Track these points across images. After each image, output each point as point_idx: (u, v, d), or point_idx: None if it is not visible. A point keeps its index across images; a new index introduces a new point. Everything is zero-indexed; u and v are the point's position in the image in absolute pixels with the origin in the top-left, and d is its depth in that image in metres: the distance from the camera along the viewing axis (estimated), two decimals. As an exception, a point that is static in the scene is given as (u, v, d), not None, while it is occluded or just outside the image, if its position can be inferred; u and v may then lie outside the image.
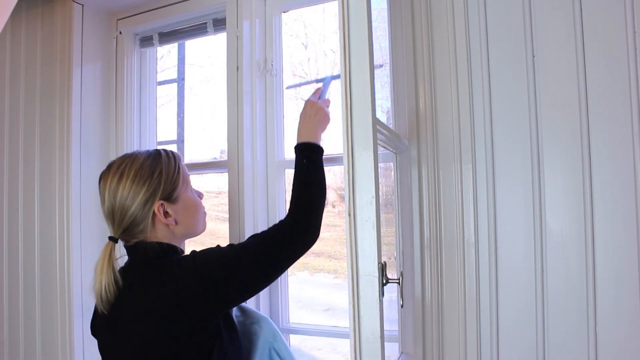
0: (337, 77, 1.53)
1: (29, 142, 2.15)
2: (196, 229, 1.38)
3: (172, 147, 2.54)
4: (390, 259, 1.60)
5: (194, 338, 1.18)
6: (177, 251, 1.32)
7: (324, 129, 1.43)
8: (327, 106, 1.48)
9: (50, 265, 2.06)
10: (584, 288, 1.35)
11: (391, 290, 1.61)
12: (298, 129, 1.42)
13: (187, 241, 1.42)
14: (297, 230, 1.30)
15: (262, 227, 1.87)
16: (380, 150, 1.31)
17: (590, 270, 1.35)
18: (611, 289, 1.33)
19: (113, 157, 2.15)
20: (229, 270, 1.21)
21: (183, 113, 2.15)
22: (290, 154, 1.86)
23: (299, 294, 7.37)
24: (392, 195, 1.64)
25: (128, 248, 1.30)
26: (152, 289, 1.19)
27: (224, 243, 1.39)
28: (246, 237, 1.77)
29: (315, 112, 1.42)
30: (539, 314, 1.40)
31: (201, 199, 1.41)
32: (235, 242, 1.79)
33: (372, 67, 0.97)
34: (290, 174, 1.72)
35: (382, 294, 0.95)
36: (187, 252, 1.32)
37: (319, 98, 1.51)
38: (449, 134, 1.52)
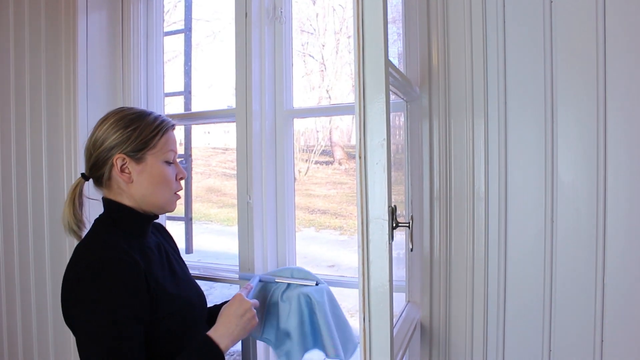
0: (267, 278, 1.60)
1: (35, 93, 2.13)
2: (156, 199, 1.32)
3: (179, 99, 2.52)
4: (399, 218, 1.59)
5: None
6: (130, 214, 1.30)
7: (244, 335, 1.29)
8: (256, 308, 1.35)
9: (58, 212, 2.06)
10: (594, 239, 1.35)
11: (399, 247, 1.62)
12: (218, 320, 1.29)
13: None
14: None
15: (270, 177, 1.87)
16: (392, 97, 1.29)
17: (600, 222, 1.34)
18: (621, 241, 1.32)
19: (120, 104, 2.14)
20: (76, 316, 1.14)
21: (190, 62, 2.12)
22: (299, 103, 1.84)
23: (304, 250, 7.45)
24: (401, 153, 1.62)
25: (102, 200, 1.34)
26: (71, 260, 1.20)
27: (228, 199, 1.36)
28: (253, 195, 1.78)
29: (243, 313, 1.29)
30: (547, 264, 1.40)
31: (181, 179, 1.38)
32: (243, 196, 1.78)
33: (385, 6, 0.95)
34: (299, 123, 1.70)
35: (391, 237, 0.95)
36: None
37: (248, 296, 1.43)
38: (461, 85, 1.49)
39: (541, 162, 1.41)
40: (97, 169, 1.29)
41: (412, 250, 1.19)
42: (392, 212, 0.95)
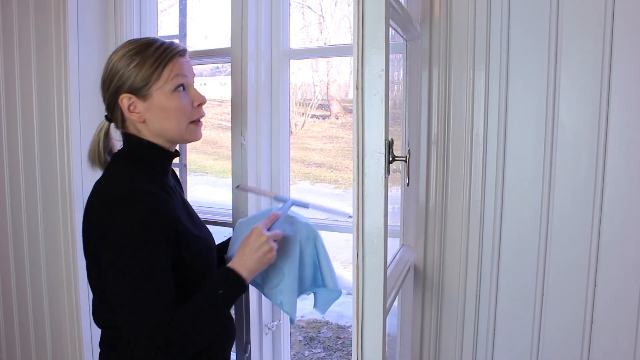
0: (299, 204, 1.44)
1: (24, 34, 2.06)
2: (173, 132, 1.27)
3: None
4: (394, 173, 1.57)
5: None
6: (151, 150, 1.27)
7: (259, 269, 1.27)
8: (276, 240, 1.30)
9: (51, 163, 2.05)
10: (592, 185, 1.34)
11: (394, 201, 1.60)
12: (237, 254, 1.28)
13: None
14: (172, 335, 1.10)
15: (265, 122, 1.84)
16: (391, 32, 1.25)
17: (600, 168, 1.32)
18: (620, 188, 1.31)
19: (112, 48, 2.08)
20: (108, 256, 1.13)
21: (185, 1, 2.05)
22: (296, 44, 1.79)
23: (299, 202, 7.50)
24: (398, 108, 1.59)
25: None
26: (94, 191, 1.21)
27: (223, 151, 1.33)
28: (248, 146, 1.75)
29: (258, 247, 1.25)
30: (544, 207, 1.39)
31: (199, 105, 1.31)
32: (237, 148, 1.75)
33: None
34: (295, 65, 1.65)
35: (387, 171, 0.93)
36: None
37: (273, 225, 1.35)
38: (463, 27, 1.45)
39: (542, 105, 1.38)
40: (111, 111, 1.26)
41: (408, 185, 1.17)
42: (389, 145, 0.93)
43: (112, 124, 1.29)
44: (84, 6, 2.01)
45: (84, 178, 2.01)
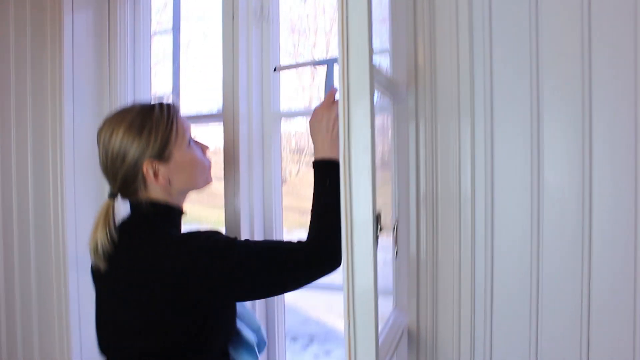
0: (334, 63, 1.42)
1: (21, 94, 2.09)
2: (194, 185, 1.34)
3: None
4: (386, 219, 1.58)
5: (181, 316, 1.18)
6: (172, 212, 1.30)
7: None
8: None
9: (45, 218, 2.04)
10: (580, 242, 1.34)
11: (387, 250, 1.60)
12: (314, 142, 1.32)
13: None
14: (324, 255, 1.21)
15: (257, 181, 1.86)
16: (378, 99, 1.28)
17: (587, 225, 1.33)
18: (607, 246, 1.32)
19: (107, 109, 2.12)
20: (232, 271, 1.17)
21: (179, 63, 2.10)
22: (286, 105, 1.83)
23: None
24: (388, 155, 1.61)
25: (129, 203, 1.30)
26: (147, 258, 1.19)
27: (218, 200, 1.36)
28: (240, 197, 1.75)
29: (332, 125, 1.30)
30: (533, 267, 1.39)
31: (206, 151, 1.36)
32: (230, 199, 1.77)
33: (370, 7, 0.93)
34: (285, 125, 1.68)
35: (376, 243, 0.94)
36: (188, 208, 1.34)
37: (326, 88, 1.38)
38: (447, 86, 1.48)
39: (527, 163, 1.40)
40: (128, 184, 1.25)
41: (397, 255, 1.18)
42: (377, 217, 0.94)
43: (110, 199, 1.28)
44: (80, 67, 2.05)
45: (78, 242, 2.02)
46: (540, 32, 1.38)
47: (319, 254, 1.21)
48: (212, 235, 1.22)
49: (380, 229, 0.95)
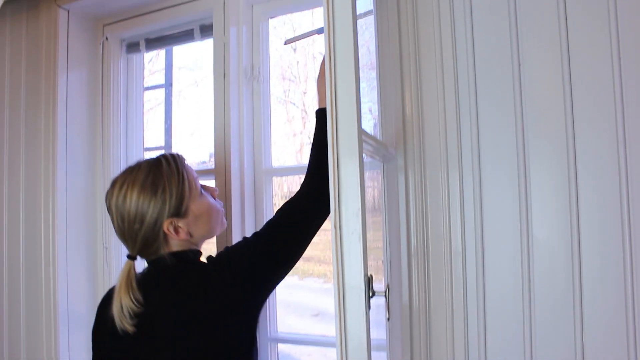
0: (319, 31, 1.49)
1: (14, 149, 2.12)
2: (213, 232, 1.34)
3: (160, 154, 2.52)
4: (377, 262, 1.59)
5: (239, 337, 1.20)
6: (197, 254, 1.31)
7: None
8: None
9: (36, 275, 2.03)
10: (570, 293, 1.35)
11: (379, 297, 1.60)
12: (319, 93, 1.36)
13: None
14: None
15: (249, 221, 1.88)
16: (367, 159, 1.30)
17: (577, 280, 1.35)
18: (597, 299, 1.33)
19: (100, 165, 2.14)
20: (260, 251, 1.22)
21: (170, 120, 2.14)
22: (278, 162, 1.85)
23: (288, 299, 7.36)
24: (379, 199, 1.63)
25: (148, 262, 1.29)
26: (190, 296, 1.18)
27: (212, 251, 1.38)
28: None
29: None
30: (526, 324, 1.40)
31: (215, 195, 1.37)
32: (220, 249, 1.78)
33: (357, 81, 0.97)
34: (277, 181, 1.70)
35: (368, 307, 0.94)
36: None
37: None
38: (435, 142, 1.51)
39: (516, 218, 1.42)
40: (149, 244, 1.24)
41: (389, 319, 1.19)
42: (369, 281, 0.95)
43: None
44: (73, 123, 2.09)
45: (70, 297, 2.00)
46: (524, 87, 1.42)
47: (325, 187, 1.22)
48: (226, 248, 1.28)
49: (372, 294, 0.96)
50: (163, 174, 1.22)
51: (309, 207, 1.27)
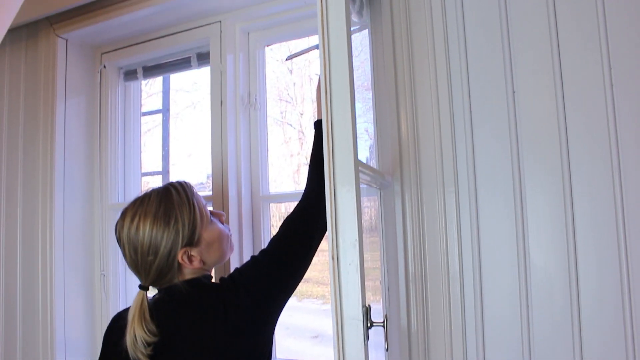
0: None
1: (12, 177, 2.13)
2: (224, 258, 1.34)
3: (157, 179, 2.54)
4: (375, 282, 1.59)
5: (258, 351, 1.22)
6: (209, 279, 1.32)
7: None
8: None
9: (33, 303, 2.03)
10: (569, 315, 1.35)
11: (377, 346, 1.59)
12: (318, 105, 1.37)
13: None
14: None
15: (247, 245, 1.88)
16: (364, 187, 1.32)
17: (575, 305, 1.35)
18: (596, 324, 1.33)
19: (97, 192, 2.15)
20: (272, 265, 1.24)
21: (168, 146, 2.15)
22: (275, 183, 1.86)
23: (287, 321, 7.29)
24: (376, 219, 1.64)
25: (159, 289, 1.29)
26: (207, 320, 1.19)
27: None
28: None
29: None
30: (525, 349, 1.40)
31: (223, 219, 1.37)
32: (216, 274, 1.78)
33: (353, 112, 0.98)
34: (275, 207, 1.71)
35: (367, 337, 0.95)
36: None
37: None
38: (431, 167, 1.52)
39: (513, 244, 1.43)
40: (163, 275, 1.23)
41: (387, 350, 1.19)
42: (367, 312, 0.95)
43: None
44: (71, 150, 2.10)
45: (67, 329, 1.99)
46: (518, 113, 1.44)
47: (320, 207, 1.20)
48: (237, 269, 1.28)
49: (370, 325, 0.96)
50: (174, 203, 1.22)
51: (310, 217, 1.28)
